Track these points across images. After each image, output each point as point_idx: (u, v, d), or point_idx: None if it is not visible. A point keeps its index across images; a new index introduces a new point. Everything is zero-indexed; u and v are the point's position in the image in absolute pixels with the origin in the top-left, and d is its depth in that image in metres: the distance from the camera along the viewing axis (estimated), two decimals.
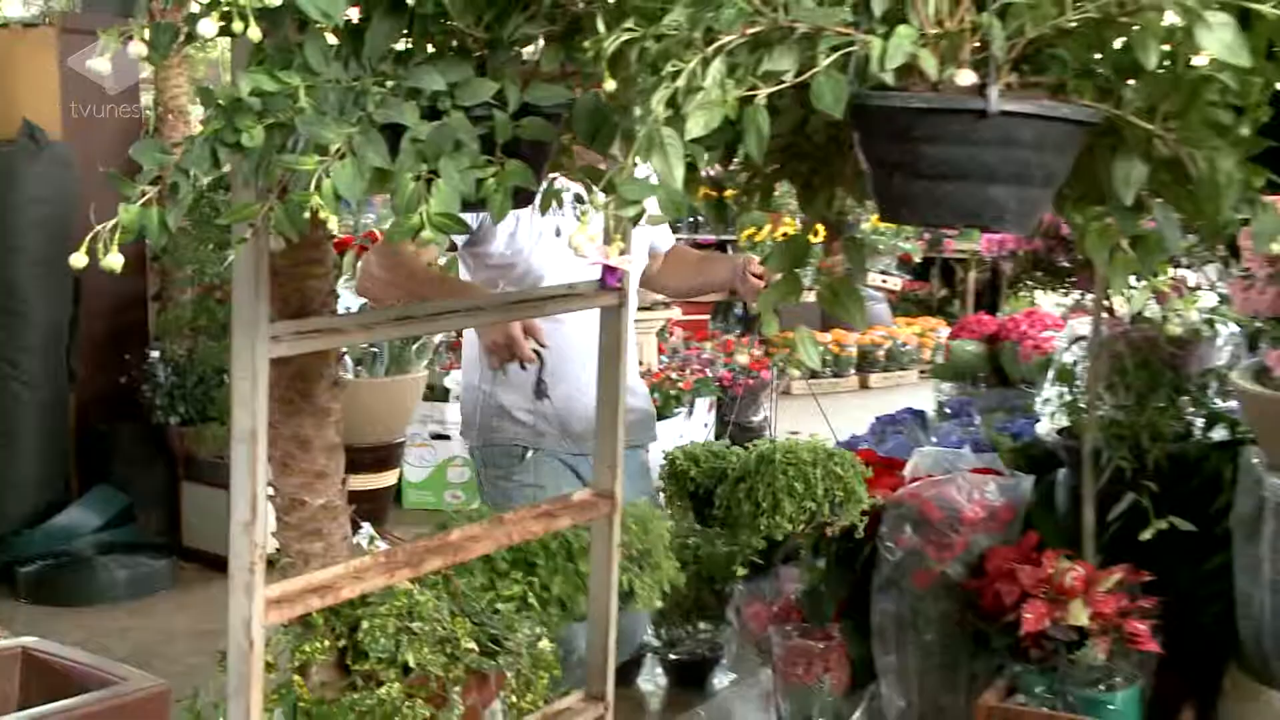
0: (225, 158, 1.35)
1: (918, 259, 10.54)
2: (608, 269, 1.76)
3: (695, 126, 1.23)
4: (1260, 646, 2.96)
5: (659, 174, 1.27)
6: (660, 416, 6.59)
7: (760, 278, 3.28)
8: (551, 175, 1.65)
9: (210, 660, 2.00)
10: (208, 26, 1.27)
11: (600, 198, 1.34)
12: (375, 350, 5.67)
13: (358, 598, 2.12)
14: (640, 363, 7.23)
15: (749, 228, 9.43)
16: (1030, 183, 1.26)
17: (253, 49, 1.33)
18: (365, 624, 2.14)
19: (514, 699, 2.24)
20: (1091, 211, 1.62)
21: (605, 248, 1.32)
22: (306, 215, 1.32)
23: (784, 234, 1.59)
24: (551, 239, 3.16)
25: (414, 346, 5.74)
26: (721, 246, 9.88)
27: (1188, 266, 3.90)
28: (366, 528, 2.44)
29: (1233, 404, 3.36)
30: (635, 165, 1.28)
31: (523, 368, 2.99)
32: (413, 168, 1.35)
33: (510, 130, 1.42)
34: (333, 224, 1.31)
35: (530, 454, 3.34)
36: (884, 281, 9.56)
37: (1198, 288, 3.90)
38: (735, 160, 1.45)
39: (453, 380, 6.09)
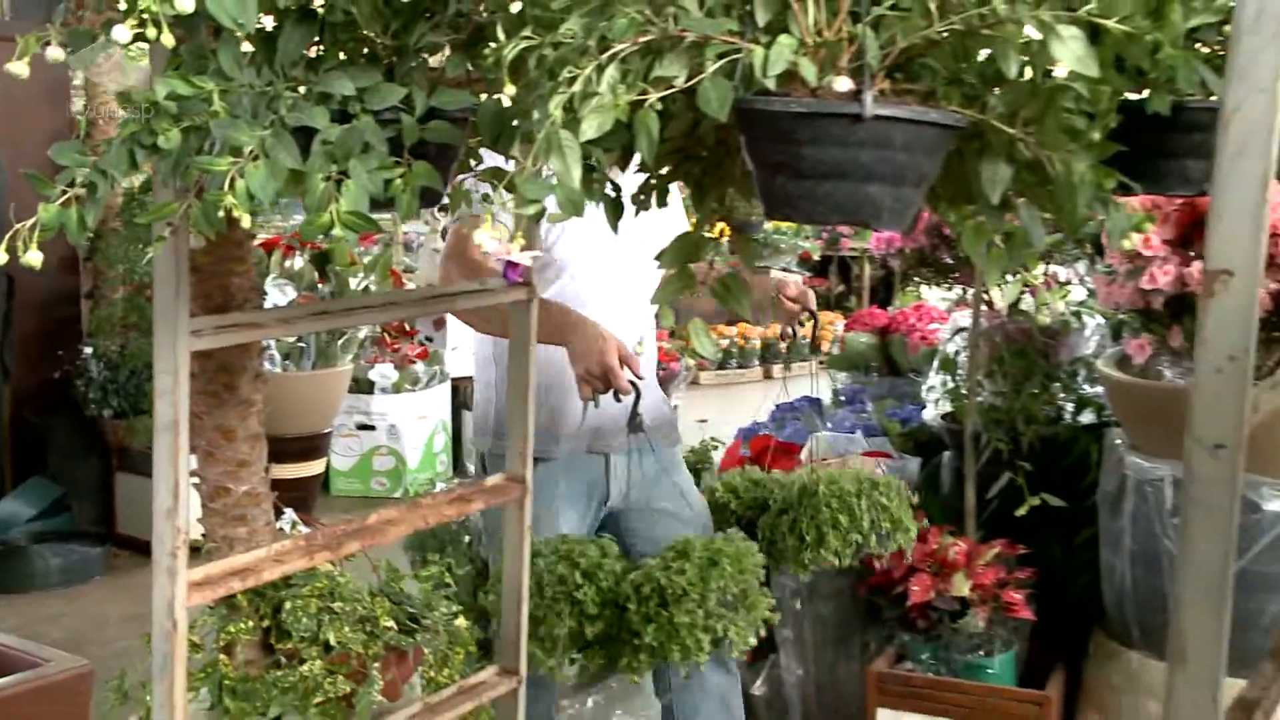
0: (143, 159, 1.33)
1: (817, 257, 10.62)
2: (510, 265, 1.75)
3: (590, 129, 1.23)
4: (1122, 612, 3.02)
5: (558, 174, 1.27)
6: None
7: (795, 301, 2.91)
8: (461, 176, 1.65)
9: (142, 643, 1.97)
10: (122, 33, 1.25)
11: (504, 196, 1.34)
12: (302, 345, 5.61)
13: (281, 580, 2.10)
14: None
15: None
16: (904, 182, 1.28)
17: (169, 55, 1.31)
18: (288, 605, 2.12)
19: (431, 673, 2.23)
20: (965, 210, 1.65)
21: (508, 244, 1.32)
22: (222, 214, 1.31)
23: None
24: (583, 238, 2.77)
25: (339, 341, 5.68)
26: None
27: (1059, 263, 3.97)
28: (289, 513, 2.41)
29: (1099, 390, 3.43)
30: (535, 166, 1.28)
31: (617, 399, 2.66)
32: (323, 168, 1.34)
33: (417, 133, 1.41)
34: (246, 222, 1.30)
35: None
36: None
37: (1067, 283, 3.97)
38: (632, 162, 1.46)
39: (377, 373, 6.04)
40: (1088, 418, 3.51)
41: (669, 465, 2.92)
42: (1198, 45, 1.45)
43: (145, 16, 1.24)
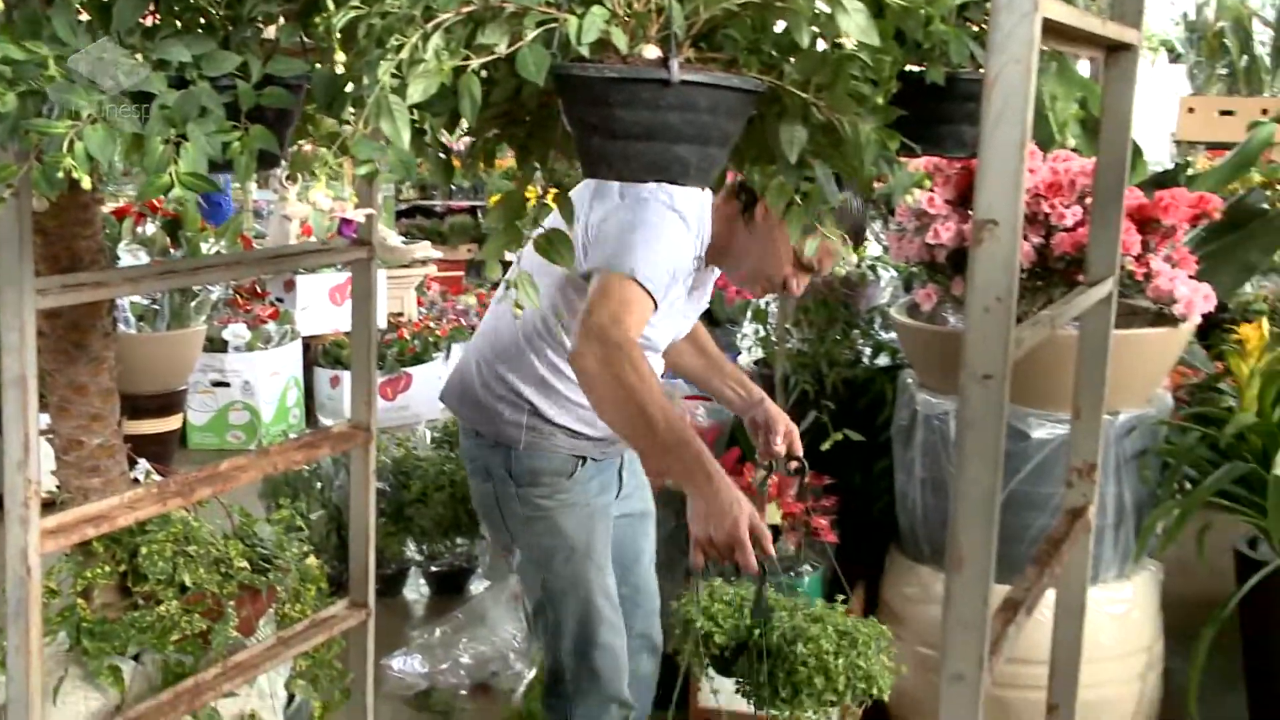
0: None
1: None
2: (344, 221, 1.72)
3: (416, 93, 1.21)
4: (914, 532, 3.12)
5: (388, 136, 1.25)
6: (418, 361, 6.53)
7: (784, 442, 2.54)
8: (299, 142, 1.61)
9: None
10: None
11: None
12: (156, 307, 5.43)
13: (137, 526, 2.05)
14: (400, 314, 7.14)
15: (495, 194, 9.37)
16: (710, 142, 1.28)
17: (2, 21, 1.24)
18: (144, 549, 2.07)
19: (284, 609, 2.19)
20: (768, 170, 1.67)
21: (342, 202, 1.30)
22: (62, 175, 1.25)
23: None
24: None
25: (193, 303, 5.51)
26: (474, 213, 9.79)
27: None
28: (143, 464, 2.34)
29: (893, 335, 3.52)
30: (367, 129, 1.26)
31: (735, 574, 2.23)
32: (161, 132, 1.29)
33: (254, 99, 1.37)
34: (87, 184, 1.24)
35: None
36: None
37: (865, 239, 4.07)
38: (459, 126, 1.44)
39: (230, 333, 5.88)
40: (884, 360, 3.60)
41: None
42: (968, 22, 1.49)
43: None
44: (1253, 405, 3.07)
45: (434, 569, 4.24)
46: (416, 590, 4.33)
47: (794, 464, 2.61)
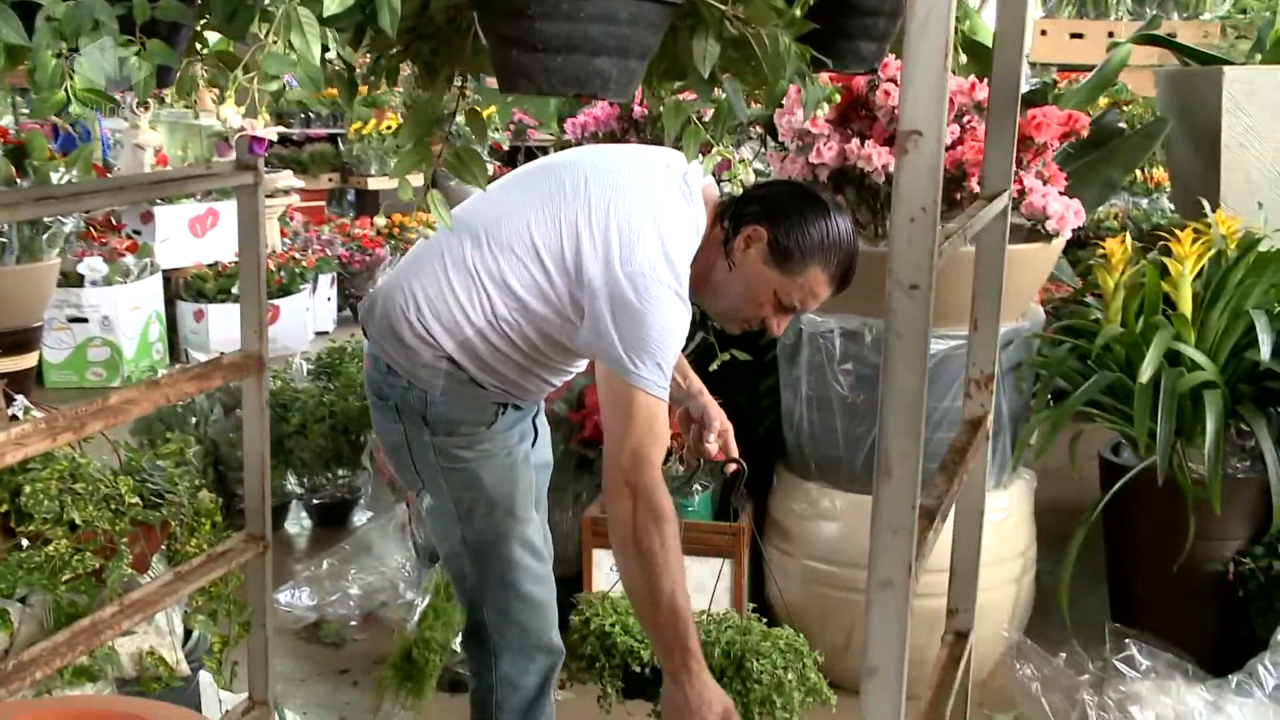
0: None
1: (506, 147, 10.52)
2: (255, 140, 1.65)
3: (333, 4, 1.16)
4: (801, 449, 3.18)
5: (298, 51, 1.20)
6: (285, 293, 6.38)
7: (719, 442, 2.45)
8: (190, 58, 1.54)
9: None
10: None
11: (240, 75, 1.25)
12: (4, 240, 5.18)
13: (18, 465, 1.97)
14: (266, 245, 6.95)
15: (356, 122, 9.15)
16: (629, 55, 1.27)
17: None
18: (27, 489, 1.99)
19: (179, 545, 2.14)
20: (670, 87, 1.66)
21: (251, 120, 1.25)
22: None
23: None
24: None
25: (44, 236, 5.27)
26: (334, 141, 9.54)
27: (736, 145, 4.07)
28: (21, 399, 2.25)
29: None
30: (274, 43, 1.20)
31: None
32: (51, 45, 1.21)
33: (149, 12, 1.30)
34: None
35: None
36: None
37: (742, 161, 4.08)
38: (364, 41, 1.40)
39: (86, 267, 5.65)
40: None
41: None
42: None
43: None
44: (1117, 317, 3.19)
45: (316, 501, 4.18)
46: (299, 524, 4.27)
47: (733, 467, 2.53)
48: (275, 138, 1.77)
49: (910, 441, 1.16)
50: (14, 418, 2.10)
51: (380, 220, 7.90)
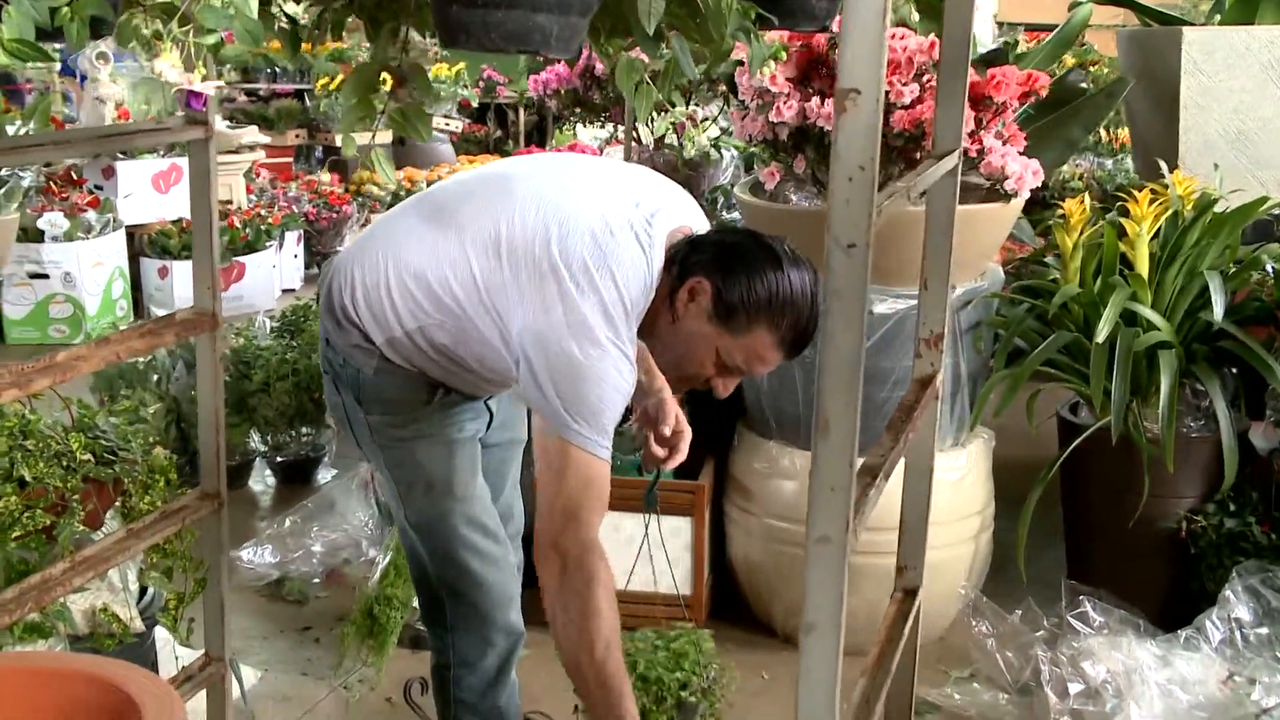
0: None
1: (475, 104, 10.45)
2: (193, 94, 1.63)
3: None
4: (761, 409, 3.18)
5: (235, 4, 1.19)
6: (251, 249, 6.33)
7: (666, 445, 2.32)
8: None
9: None
10: None
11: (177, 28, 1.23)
12: None
13: None
14: (229, 201, 6.88)
15: (323, 78, 9.05)
16: (570, 10, 1.26)
17: None
18: None
19: (132, 502, 2.13)
20: (620, 44, 1.65)
21: (189, 75, 1.23)
22: None
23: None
24: None
25: (2, 190, 5.20)
26: (300, 97, 9.44)
27: (698, 105, 4.05)
28: None
29: (736, 214, 3.55)
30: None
31: None
32: None
33: None
34: None
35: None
36: (447, 124, 9.41)
37: (706, 120, 4.07)
38: None
39: (46, 221, 5.58)
40: None
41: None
42: None
43: None
44: (1075, 277, 3.20)
45: (280, 459, 4.17)
46: (263, 481, 4.25)
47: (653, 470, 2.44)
48: (213, 92, 1.71)
49: (847, 400, 1.16)
50: None
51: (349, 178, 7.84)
